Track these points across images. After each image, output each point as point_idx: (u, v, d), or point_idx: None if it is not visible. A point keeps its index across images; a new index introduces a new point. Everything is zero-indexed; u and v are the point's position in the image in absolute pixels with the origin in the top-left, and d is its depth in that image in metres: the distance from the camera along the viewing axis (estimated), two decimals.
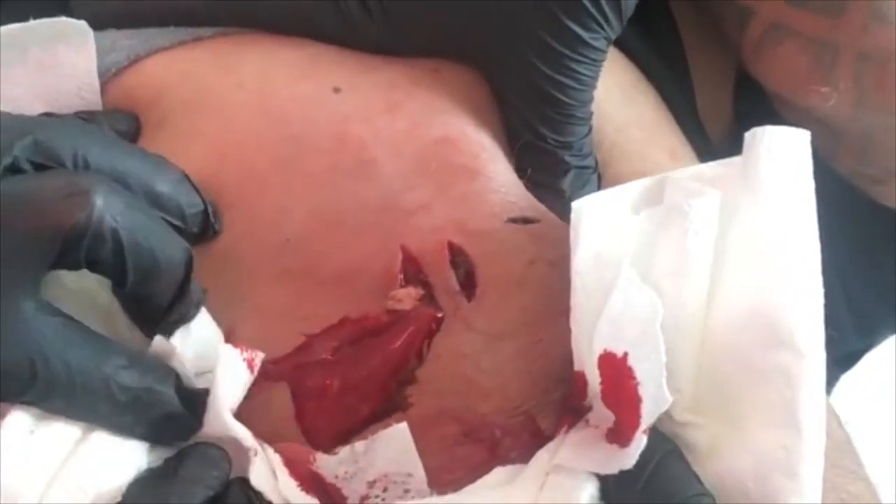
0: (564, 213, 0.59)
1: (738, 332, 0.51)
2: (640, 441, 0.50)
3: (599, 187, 0.70)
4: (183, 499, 0.51)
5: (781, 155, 0.55)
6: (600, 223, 0.55)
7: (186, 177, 0.59)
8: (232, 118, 0.64)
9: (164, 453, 0.54)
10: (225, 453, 0.54)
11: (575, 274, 0.55)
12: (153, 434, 0.53)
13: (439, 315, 0.59)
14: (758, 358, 0.51)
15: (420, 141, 0.64)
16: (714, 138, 0.88)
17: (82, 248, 0.50)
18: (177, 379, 0.54)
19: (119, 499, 0.51)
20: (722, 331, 0.53)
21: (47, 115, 0.62)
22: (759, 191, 0.54)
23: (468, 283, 0.60)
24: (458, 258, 0.60)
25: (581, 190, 0.69)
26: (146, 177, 0.56)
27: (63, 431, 0.51)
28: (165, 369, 0.53)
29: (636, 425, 0.50)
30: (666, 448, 0.52)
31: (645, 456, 0.50)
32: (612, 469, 0.50)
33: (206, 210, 0.59)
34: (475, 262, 0.60)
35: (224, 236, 0.61)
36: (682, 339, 0.53)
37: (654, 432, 0.51)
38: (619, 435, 0.52)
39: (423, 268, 0.60)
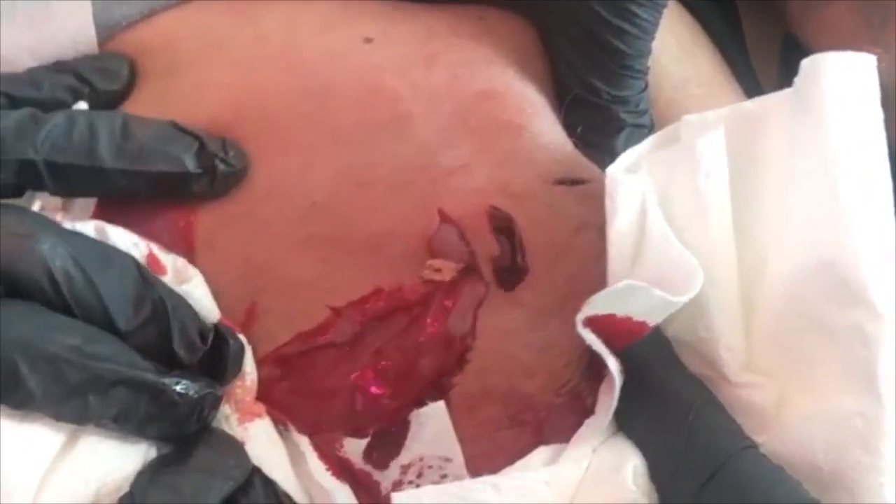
0: None
1: (803, 285, 0.47)
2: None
3: None
4: (198, 491, 0.46)
5: (844, 83, 0.49)
6: (638, 191, 0.51)
7: (176, 124, 0.54)
8: (251, 70, 0.58)
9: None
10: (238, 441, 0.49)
11: (611, 245, 0.51)
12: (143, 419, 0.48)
13: (484, 288, 0.54)
14: (828, 314, 0.47)
15: (460, 95, 0.58)
16: None
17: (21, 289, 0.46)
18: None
19: (126, 489, 0.46)
20: (784, 282, 0.48)
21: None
22: (819, 124, 0.49)
23: (511, 252, 0.55)
24: (500, 223, 0.55)
25: None
26: None
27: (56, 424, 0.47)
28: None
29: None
30: (704, 397, 0.48)
31: (683, 405, 0.46)
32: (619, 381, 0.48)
33: (202, 147, 0.53)
34: (520, 227, 0.55)
35: (242, 197, 0.56)
36: (716, 291, 0.49)
37: (689, 380, 0.48)
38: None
39: (463, 233, 0.55)
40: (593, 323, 0.49)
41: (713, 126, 0.52)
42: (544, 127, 0.60)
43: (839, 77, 0.49)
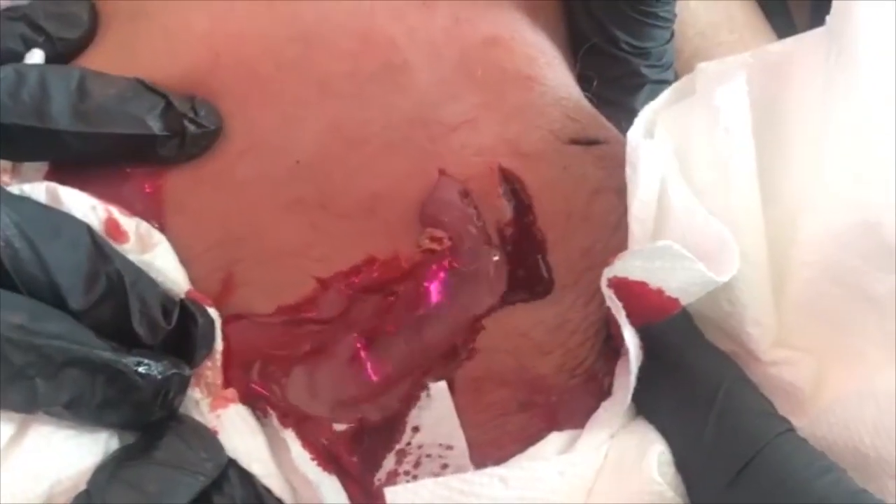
0: None
1: (842, 249, 0.44)
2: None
3: None
4: (165, 488, 0.41)
5: (885, 21, 0.45)
6: (659, 157, 0.46)
7: (140, 81, 0.49)
8: (228, 13, 0.52)
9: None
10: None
11: (633, 219, 0.46)
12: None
13: (495, 258, 0.49)
14: (870, 280, 0.43)
15: (463, 41, 0.53)
16: None
17: None
18: None
19: (83, 486, 0.41)
20: (820, 246, 0.44)
21: None
22: (858, 69, 0.44)
23: (522, 218, 0.50)
24: (509, 186, 0.50)
25: None
26: None
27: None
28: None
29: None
30: (734, 375, 0.43)
31: (710, 384, 0.42)
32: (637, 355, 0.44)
33: (169, 107, 0.48)
34: (531, 192, 0.50)
35: (216, 156, 0.50)
36: (741, 260, 0.44)
37: (716, 356, 0.44)
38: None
39: (469, 193, 0.49)
40: (620, 287, 0.44)
41: (732, 74, 0.48)
42: (557, 80, 0.55)
43: (879, 14, 0.45)
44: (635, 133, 0.47)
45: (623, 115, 0.55)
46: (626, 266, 0.43)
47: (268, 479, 0.44)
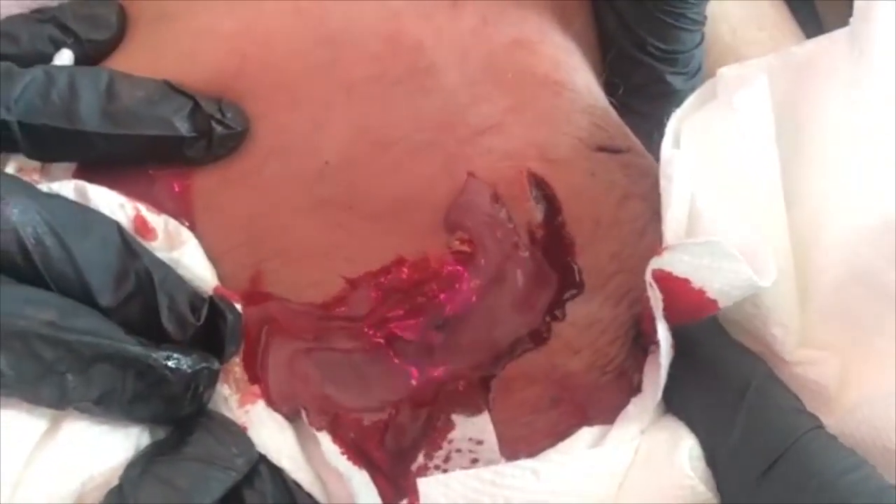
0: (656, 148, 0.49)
1: (865, 249, 0.44)
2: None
3: None
4: (196, 484, 0.41)
5: None
6: (689, 168, 0.46)
7: (168, 83, 0.49)
8: (256, 14, 0.53)
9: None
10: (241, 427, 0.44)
11: (668, 229, 0.46)
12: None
13: (525, 255, 0.49)
14: (893, 281, 0.43)
15: (490, 43, 0.53)
16: None
17: None
18: None
19: (116, 481, 0.41)
20: (844, 246, 0.45)
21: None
22: (882, 70, 0.45)
23: (550, 223, 0.50)
24: (537, 191, 0.50)
25: None
26: None
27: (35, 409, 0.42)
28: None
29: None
30: (763, 373, 0.43)
31: (740, 381, 0.42)
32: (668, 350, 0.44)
33: (197, 108, 0.48)
34: (560, 197, 0.50)
35: (245, 157, 0.50)
36: None
37: (745, 354, 0.44)
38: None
39: (499, 196, 0.49)
40: (662, 282, 0.44)
41: (753, 77, 0.48)
42: (585, 86, 0.55)
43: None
44: (667, 144, 0.48)
45: (646, 124, 0.55)
46: (674, 259, 0.43)
47: (298, 474, 0.44)
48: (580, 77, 0.55)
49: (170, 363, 0.42)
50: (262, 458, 0.44)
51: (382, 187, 0.50)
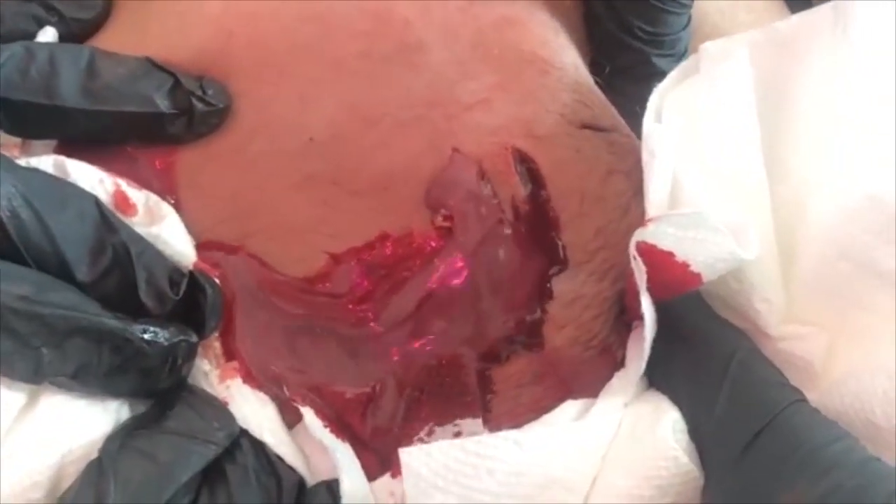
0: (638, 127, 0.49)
1: (849, 224, 0.43)
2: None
3: None
4: (176, 457, 0.40)
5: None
6: (671, 142, 0.46)
7: (149, 60, 0.48)
8: None
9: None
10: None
11: (650, 204, 0.45)
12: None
13: (507, 232, 0.48)
14: (878, 255, 0.43)
15: (478, 20, 0.52)
16: None
17: None
18: None
19: (95, 455, 0.41)
20: (828, 222, 0.44)
21: None
22: (865, 44, 0.44)
23: (535, 199, 0.49)
24: (522, 167, 0.49)
25: None
26: None
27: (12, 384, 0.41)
28: None
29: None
30: (746, 346, 0.43)
31: (723, 355, 0.42)
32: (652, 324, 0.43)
33: (177, 85, 0.48)
34: (544, 171, 0.49)
35: (232, 132, 0.50)
36: None
37: (728, 328, 0.44)
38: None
39: (484, 172, 0.49)
40: (646, 255, 0.43)
41: (734, 51, 0.47)
42: (571, 64, 0.54)
43: None
44: (649, 119, 0.47)
45: (631, 105, 0.54)
46: (658, 231, 0.42)
47: (280, 448, 0.43)
48: (567, 55, 0.54)
49: (146, 336, 0.42)
50: (244, 432, 0.43)
51: (368, 163, 0.49)
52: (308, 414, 0.44)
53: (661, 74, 0.56)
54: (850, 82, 0.44)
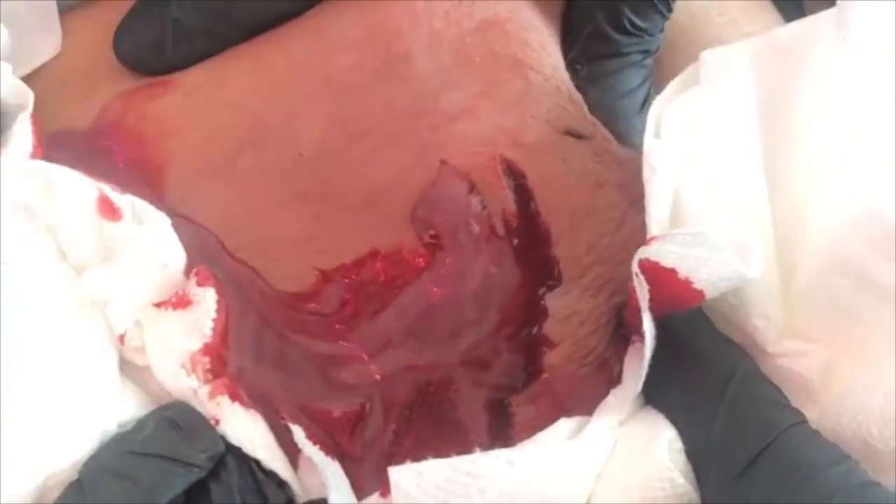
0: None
1: (848, 239, 0.42)
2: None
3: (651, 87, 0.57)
4: (158, 481, 0.39)
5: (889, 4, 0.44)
6: (672, 157, 0.45)
7: None
8: None
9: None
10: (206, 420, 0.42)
11: (651, 220, 0.44)
12: None
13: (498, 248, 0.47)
14: (877, 270, 0.41)
15: (459, 26, 0.52)
16: None
17: None
18: None
19: (76, 476, 0.39)
20: (828, 236, 0.42)
21: None
22: (868, 55, 0.43)
23: (524, 212, 0.48)
24: (510, 179, 0.48)
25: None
26: None
27: None
28: None
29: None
30: (746, 366, 0.41)
31: (722, 373, 0.40)
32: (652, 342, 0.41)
33: None
34: (532, 185, 0.48)
35: (223, 145, 0.50)
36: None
37: (727, 345, 0.42)
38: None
39: (475, 186, 0.48)
40: (648, 272, 0.41)
41: (736, 61, 0.46)
42: (552, 67, 0.53)
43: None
44: (649, 134, 0.45)
45: (601, 98, 0.54)
46: (662, 249, 0.41)
47: (273, 464, 0.42)
48: (547, 58, 0.53)
49: None
50: (230, 450, 0.41)
51: (356, 178, 0.48)
52: (297, 431, 0.42)
53: (631, 68, 0.55)
54: (851, 92, 0.43)
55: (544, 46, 0.53)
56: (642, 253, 0.41)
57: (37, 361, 0.41)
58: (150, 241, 0.44)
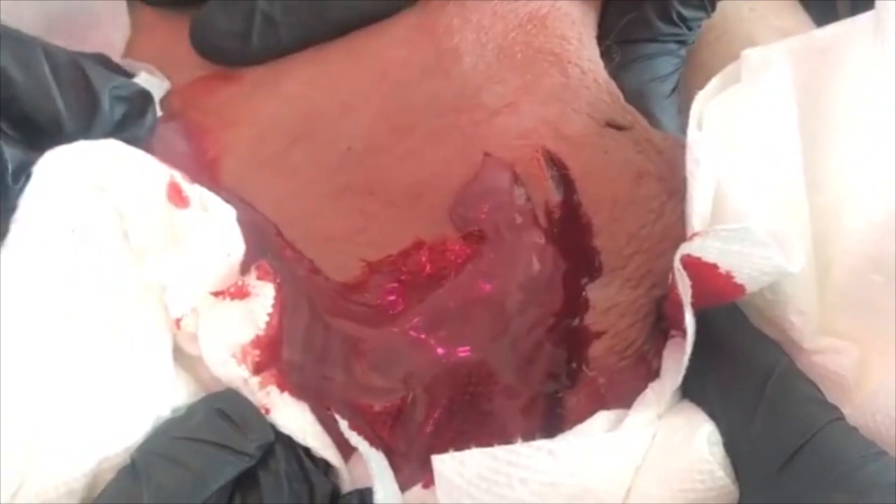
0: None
1: (883, 238, 0.42)
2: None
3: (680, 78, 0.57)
4: (209, 466, 0.39)
5: None
6: (714, 152, 0.44)
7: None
8: None
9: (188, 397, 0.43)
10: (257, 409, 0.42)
11: (694, 214, 0.44)
12: None
13: (539, 241, 0.47)
14: None
15: (505, 22, 0.52)
16: None
17: None
18: None
19: (128, 460, 0.40)
20: (862, 234, 0.42)
21: None
22: (892, 54, 0.43)
23: (567, 203, 0.48)
24: (552, 171, 0.48)
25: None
26: None
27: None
28: None
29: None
30: (785, 363, 0.41)
31: (761, 370, 0.40)
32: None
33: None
34: (575, 175, 0.48)
35: (273, 138, 0.50)
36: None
37: (766, 343, 0.42)
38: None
39: (518, 176, 0.48)
40: (690, 267, 0.41)
41: (777, 61, 0.45)
42: (590, 60, 0.53)
43: None
44: (692, 127, 0.45)
45: (633, 82, 0.54)
46: (705, 245, 0.40)
47: (325, 452, 0.42)
48: (584, 50, 0.53)
49: None
50: (278, 438, 0.41)
51: (402, 172, 0.49)
52: (342, 421, 0.43)
53: (666, 56, 0.55)
54: (888, 92, 0.42)
55: (581, 39, 0.53)
56: (685, 249, 0.41)
57: (95, 340, 0.42)
58: (215, 230, 0.44)
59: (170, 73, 0.54)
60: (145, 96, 0.49)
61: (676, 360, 0.42)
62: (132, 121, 0.48)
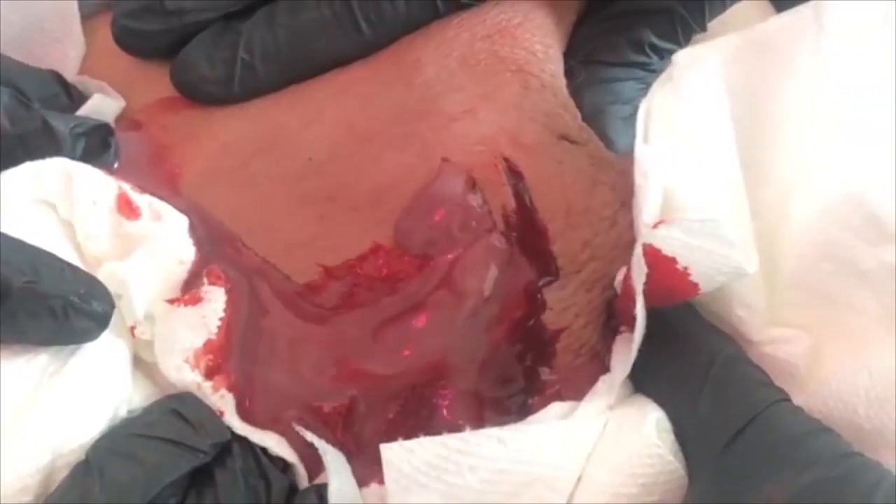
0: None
1: (830, 225, 0.42)
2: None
3: None
4: (163, 462, 0.39)
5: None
6: (661, 160, 0.45)
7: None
8: None
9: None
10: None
11: (643, 225, 0.44)
12: None
13: (498, 244, 0.47)
14: (859, 255, 0.41)
15: (472, 32, 0.53)
16: None
17: None
18: None
19: (83, 457, 0.39)
20: (810, 223, 0.43)
21: None
22: (838, 43, 0.44)
23: (523, 210, 0.48)
24: (509, 178, 0.48)
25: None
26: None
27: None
28: None
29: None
30: (730, 349, 0.41)
31: (706, 356, 0.40)
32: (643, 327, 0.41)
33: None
34: (531, 182, 0.48)
35: (237, 152, 0.51)
36: None
37: (712, 331, 0.42)
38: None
39: (475, 182, 0.48)
40: (649, 257, 0.41)
41: (705, 60, 0.46)
42: (553, 74, 0.53)
43: None
44: (639, 140, 0.45)
45: (598, 97, 0.54)
46: (669, 235, 0.40)
47: (280, 449, 0.42)
48: (550, 64, 0.53)
49: None
50: (235, 437, 0.41)
51: (363, 179, 0.48)
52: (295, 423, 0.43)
53: (631, 81, 0.55)
54: (829, 82, 0.43)
55: (548, 52, 0.53)
56: (647, 237, 0.40)
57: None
58: (166, 239, 0.44)
59: (137, 92, 0.54)
60: (105, 129, 0.49)
61: (625, 353, 0.42)
62: (95, 155, 0.48)
